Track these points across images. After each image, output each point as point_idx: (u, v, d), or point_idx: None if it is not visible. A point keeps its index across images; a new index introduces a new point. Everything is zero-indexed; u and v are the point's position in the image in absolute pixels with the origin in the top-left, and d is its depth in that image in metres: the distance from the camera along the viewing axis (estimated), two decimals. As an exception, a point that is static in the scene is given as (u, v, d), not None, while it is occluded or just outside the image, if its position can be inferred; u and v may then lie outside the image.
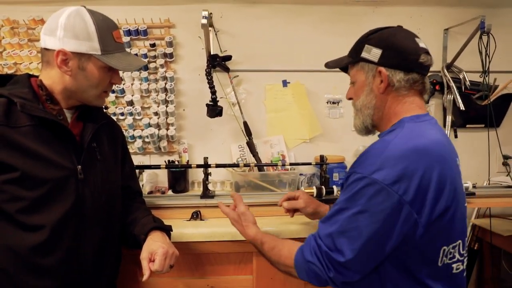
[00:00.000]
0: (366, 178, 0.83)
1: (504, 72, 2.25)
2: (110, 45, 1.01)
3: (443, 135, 0.94)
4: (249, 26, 2.20)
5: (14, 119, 0.94)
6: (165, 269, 1.03)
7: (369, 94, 0.97)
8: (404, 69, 0.93)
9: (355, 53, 0.99)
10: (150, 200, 1.48)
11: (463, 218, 0.92)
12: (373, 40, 0.96)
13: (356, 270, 0.86)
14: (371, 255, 0.85)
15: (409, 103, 0.95)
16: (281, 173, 2.00)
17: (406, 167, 0.81)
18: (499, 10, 2.23)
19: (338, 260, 0.85)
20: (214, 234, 1.32)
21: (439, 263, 0.87)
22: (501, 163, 2.17)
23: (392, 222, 0.82)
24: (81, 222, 1.02)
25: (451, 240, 0.88)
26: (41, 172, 0.94)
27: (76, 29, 0.96)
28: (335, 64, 1.07)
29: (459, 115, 2.24)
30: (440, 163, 0.84)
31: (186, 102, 2.23)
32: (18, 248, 0.93)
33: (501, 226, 2.03)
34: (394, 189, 0.80)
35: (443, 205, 0.83)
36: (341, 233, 0.85)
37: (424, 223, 0.82)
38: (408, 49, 0.93)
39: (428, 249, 0.85)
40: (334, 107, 2.28)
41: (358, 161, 0.90)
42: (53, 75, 1.01)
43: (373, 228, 0.82)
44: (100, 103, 1.10)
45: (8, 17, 2.10)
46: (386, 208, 0.81)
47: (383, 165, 0.82)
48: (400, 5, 2.23)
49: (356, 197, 0.84)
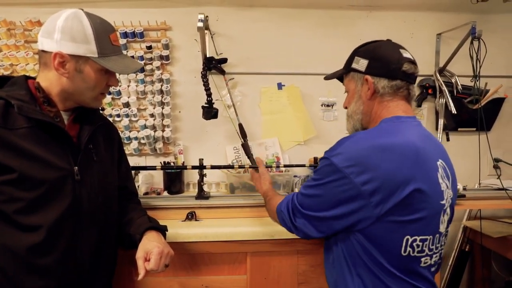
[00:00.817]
0: (327, 159, 0.96)
1: (495, 77, 2.29)
2: (107, 48, 1.02)
3: (422, 136, 0.99)
4: (245, 29, 2.22)
5: (12, 121, 0.94)
6: (160, 268, 1.05)
7: (358, 100, 1.08)
8: (388, 76, 1.02)
9: (347, 65, 1.11)
10: (146, 201, 1.49)
11: (436, 214, 0.96)
12: (361, 52, 1.08)
13: (313, 225, 1.01)
14: (323, 218, 0.98)
15: (393, 107, 1.03)
16: (276, 174, 2.01)
17: (362, 156, 0.91)
18: (489, 16, 2.27)
19: (303, 212, 1.02)
20: (209, 235, 1.34)
21: (403, 252, 0.93)
22: (491, 166, 2.20)
23: (342, 199, 0.93)
24: (78, 222, 1.02)
25: (418, 233, 0.93)
26: (38, 173, 0.95)
27: (73, 32, 0.97)
28: (332, 76, 1.19)
29: (451, 119, 2.28)
30: (400, 161, 0.90)
31: (182, 104, 2.25)
32: (16, 248, 0.94)
33: (491, 228, 2.06)
34: (347, 172, 0.91)
35: (399, 199, 0.88)
36: (306, 196, 1.02)
37: (375, 211, 0.90)
38: (391, 59, 1.03)
39: (388, 236, 0.92)
40: (328, 109, 2.30)
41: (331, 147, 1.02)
42: (50, 77, 1.01)
43: (326, 198, 0.96)
44: (97, 105, 1.11)
45: (4, 18, 2.10)
46: (337, 186, 0.93)
47: (342, 151, 0.94)
48: (393, 10, 2.26)
49: (319, 172, 0.99)
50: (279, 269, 1.37)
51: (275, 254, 1.36)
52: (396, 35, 1.44)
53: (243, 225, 1.37)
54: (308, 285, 1.38)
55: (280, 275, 1.37)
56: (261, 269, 1.37)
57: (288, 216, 1.07)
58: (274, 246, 1.35)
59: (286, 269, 1.37)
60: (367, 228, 0.93)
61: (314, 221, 1.01)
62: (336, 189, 0.93)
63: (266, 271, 1.37)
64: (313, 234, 1.02)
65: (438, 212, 0.96)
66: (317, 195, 0.99)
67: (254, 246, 1.35)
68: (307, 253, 1.37)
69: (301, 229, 1.04)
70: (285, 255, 1.37)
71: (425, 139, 0.99)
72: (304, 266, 1.38)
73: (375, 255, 0.94)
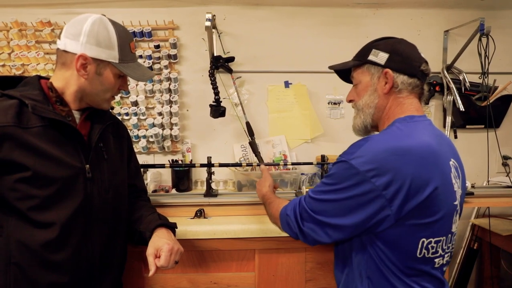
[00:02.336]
0: (345, 162, 0.93)
1: (504, 74, 2.27)
2: (127, 55, 1.06)
3: (436, 136, 0.98)
4: (251, 28, 2.23)
5: (26, 120, 0.96)
6: (170, 265, 1.06)
7: (372, 94, 1.04)
8: (408, 73, 1.00)
9: (362, 57, 1.07)
10: (155, 199, 1.51)
11: (450, 215, 0.96)
12: (380, 46, 1.04)
13: (324, 231, 0.98)
14: (338, 226, 0.95)
15: (407, 105, 1.02)
16: (283, 172, 2.03)
17: (382, 160, 0.88)
18: (498, 12, 2.26)
19: (314, 217, 0.99)
20: (217, 232, 1.35)
21: (418, 254, 0.92)
22: (500, 163, 2.19)
23: (361, 203, 0.91)
24: (89, 219, 1.05)
25: (433, 235, 0.93)
26: (51, 171, 0.97)
27: (99, 37, 1.01)
28: (341, 66, 1.13)
29: (459, 116, 2.26)
30: (419, 164, 0.89)
31: (189, 103, 2.27)
32: (30, 244, 0.96)
33: (500, 226, 2.05)
34: (368, 175, 0.88)
35: (418, 201, 0.88)
36: (319, 201, 0.98)
37: (395, 215, 0.89)
38: (412, 56, 1.02)
39: (404, 239, 0.91)
40: (335, 107, 2.31)
41: (345, 150, 0.99)
42: (67, 76, 1.04)
43: (343, 204, 0.93)
44: (107, 107, 1.14)
45: (16, 19, 2.14)
46: (357, 190, 0.90)
47: (362, 154, 0.91)
48: (400, 7, 2.26)
49: (335, 176, 0.96)
50: (287, 266, 1.38)
51: (283, 251, 1.37)
52: (403, 32, 1.44)
53: (251, 223, 1.38)
54: (315, 282, 1.39)
55: (288, 272, 1.38)
56: (269, 266, 1.38)
57: (295, 220, 1.04)
58: (282, 243, 1.36)
59: (294, 266, 1.38)
60: (383, 232, 0.92)
61: (326, 228, 0.97)
62: (355, 193, 0.91)
63: (274, 268, 1.38)
64: (322, 240, 0.99)
65: (452, 213, 0.96)
66: (333, 200, 0.95)
67: (262, 243, 1.36)
68: (315, 251, 1.38)
69: (309, 234, 1.01)
70: (293, 252, 1.37)
71: (439, 139, 0.98)
72: (312, 263, 1.39)
73: (389, 257, 0.93)
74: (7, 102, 0.97)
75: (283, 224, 1.12)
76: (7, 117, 0.94)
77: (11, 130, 0.93)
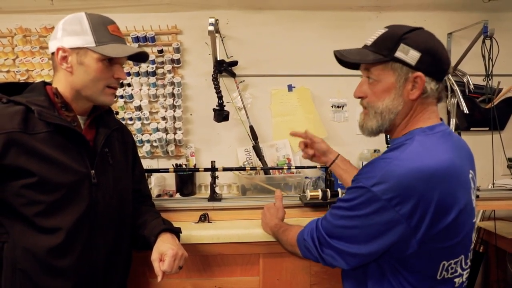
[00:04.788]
0: (365, 188, 0.84)
1: (508, 76, 2.26)
2: (104, 37, 1.04)
3: (456, 148, 0.90)
4: (254, 32, 2.24)
5: (32, 126, 0.97)
6: (174, 270, 1.06)
7: (397, 98, 0.90)
8: (437, 78, 0.89)
9: (387, 51, 0.88)
10: (159, 203, 1.51)
11: (470, 234, 0.90)
12: (410, 40, 0.87)
13: (343, 258, 0.91)
14: (357, 254, 0.89)
15: (429, 112, 0.92)
16: (287, 176, 2.03)
17: (406, 186, 0.80)
18: (501, 15, 2.25)
19: (331, 243, 0.92)
20: (222, 236, 1.35)
21: (438, 276, 0.88)
22: (505, 166, 2.18)
23: (383, 232, 0.84)
24: (94, 225, 1.05)
25: (453, 256, 0.88)
26: (57, 176, 0.97)
27: (72, 27, 1.01)
28: (359, 57, 0.93)
29: (463, 118, 2.26)
30: (444, 188, 0.82)
31: (193, 107, 2.28)
32: (36, 250, 0.96)
33: (506, 229, 2.03)
34: (391, 204, 0.81)
35: (443, 225, 0.82)
36: (336, 226, 0.92)
37: (419, 240, 0.83)
38: (443, 57, 0.89)
39: (424, 262, 0.86)
40: (338, 111, 2.31)
41: (364, 169, 0.90)
42: (60, 77, 1.05)
43: (362, 231, 0.86)
44: (107, 100, 1.10)
45: (20, 25, 2.16)
46: (379, 218, 0.83)
47: (383, 179, 0.82)
48: (403, 10, 2.26)
49: (353, 202, 0.87)
50: (291, 270, 1.38)
51: (287, 255, 1.35)
52: (407, 35, 1.44)
53: (255, 227, 1.37)
54: (320, 286, 1.39)
55: (292, 276, 1.38)
56: (274, 270, 1.38)
57: (314, 245, 0.97)
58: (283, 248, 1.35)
59: (298, 270, 1.38)
60: (403, 258, 0.86)
61: (344, 255, 0.91)
62: (377, 221, 0.83)
63: (278, 272, 1.38)
64: (342, 266, 0.93)
65: (471, 231, 0.91)
66: (352, 226, 0.88)
67: (266, 247, 1.36)
68: (319, 255, 1.37)
69: (328, 260, 0.95)
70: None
71: (459, 151, 0.91)
72: (316, 267, 1.38)
73: (409, 281, 0.88)
74: (13, 108, 0.97)
75: (301, 249, 1.04)
76: (14, 123, 0.94)
77: (17, 136, 0.93)
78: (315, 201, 1.49)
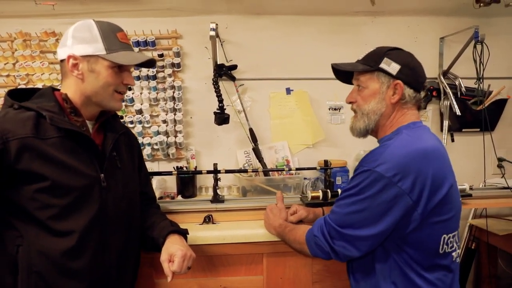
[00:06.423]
0: (370, 170, 0.97)
1: (498, 78, 2.35)
2: (114, 44, 1.07)
3: (436, 139, 1.07)
4: (253, 37, 2.28)
5: (43, 131, 0.99)
6: (183, 270, 1.09)
7: (380, 102, 1.08)
8: (414, 88, 1.08)
9: (374, 62, 1.09)
10: (163, 205, 1.53)
11: (460, 210, 1.06)
12: (393, 56, 1.07)
13: (355, 246, 1.01)
14: (368, 237, 0.99)
15: (410, 114, 1.09)
16: (286, 177, 2.07)
17: (404, 164, 0.94)
18: (492, 20, 2.32)
19: (342, 232, 1.01)
20: (226, 237, 1.38)
21: (441, 250, 1.00)
22: (496, 165, 2.25)
23: (389, 208, 0.95)
24: (105, 227, 1.07)
25: (451, 230, 1.01)
26: (69, 180, 1.00)
27: (82, 35, 1.04)
28: (350, 67, 1.14)
29: (455, 120, 2.33)
30: (435, 163, 0.97)
31: (193, 110, 2.31)
32: (51, 253, 0.99)
33: (497, 226, 2.10)
34: (394, 180, 0.94)
35: (439, 198, 0.96)
36: (346, 214, 1.02)
37: (421, 213, 0.95)
38: (420, 72, 1.10)
39: (428, 237, 0.98)
40: (335, 113, 2.36)
41: (364, 158, 1.04)
42: (70, 84, 1.07)
43: (371, 212, 0.97)
44: (116, 106, 1.13)
45: (20, 29, 2.17)
46: (385, 196, 0.95)
47: (384, 160, 0.96)
48: (398, 15, 2.31)
49: (360, 186, 0.99)
50: (294, 269, 1.42)
51: (290, 254, 1.39)
52: (401, 39, 1.48)
53: (258, 227, 1.41)
54: (322, 283, 1.43)
55: (295, 274, 1.42)
56: (277, 269, 1.42)
57: (325, 240, 1.05)
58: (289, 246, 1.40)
59: (301, 268, 1.42)
60: (410, 234, 0.97)
61: (355, 241, 1.00)
62: (383, 199, 0.95)
63: (282, 271, 1.42)
64: (353, 255, 1.03)
65: (460, 208, 1.07)
66: (361, 210, 0.98)
67: (270, 247, 1.39)
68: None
69: (341, 252, 1.03)
70: (300, 255, 1.40)
71: (440, 142, 1.07)
72: (319, 265, 1.42)
73: (415, 258, 0.99)
74: (25, 114, 0.99)
75: (311, 246, 1.11)
76: (26, 129, 0.96)
77: (30, 141, 0.96)
78: (316, 201, 1.54)
